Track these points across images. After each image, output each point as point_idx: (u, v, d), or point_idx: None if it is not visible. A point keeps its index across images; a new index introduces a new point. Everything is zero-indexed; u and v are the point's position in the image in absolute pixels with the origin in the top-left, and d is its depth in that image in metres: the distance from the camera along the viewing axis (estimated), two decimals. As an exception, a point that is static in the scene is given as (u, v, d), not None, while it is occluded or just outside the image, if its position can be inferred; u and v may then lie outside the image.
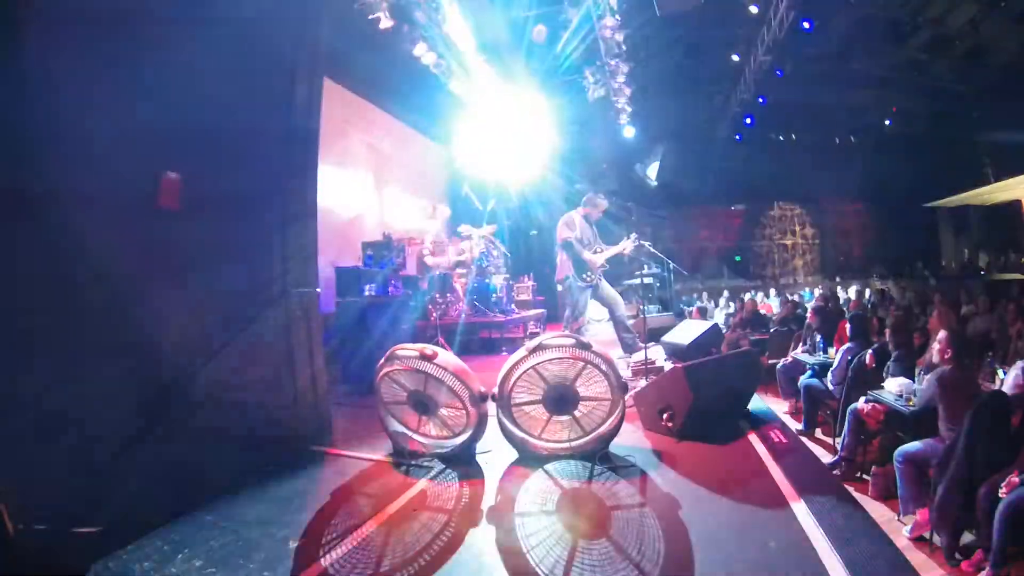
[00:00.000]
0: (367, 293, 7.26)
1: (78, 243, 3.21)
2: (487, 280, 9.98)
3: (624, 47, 10.74)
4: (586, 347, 3.96)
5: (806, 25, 10.44)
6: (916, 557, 3.20)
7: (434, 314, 9.42)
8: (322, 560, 2.95)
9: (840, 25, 12.01)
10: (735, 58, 13.27)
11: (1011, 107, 13.70)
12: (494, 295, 9.99)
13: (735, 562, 2.84)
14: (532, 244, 15.02)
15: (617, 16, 9.75)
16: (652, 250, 8.97)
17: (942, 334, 4.55)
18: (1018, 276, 13.34)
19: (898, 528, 3.70)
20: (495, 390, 4.14)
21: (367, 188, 11.56)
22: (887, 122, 16.01)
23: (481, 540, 3.15)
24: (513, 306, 10.70)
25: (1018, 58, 12.83)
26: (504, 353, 8.85)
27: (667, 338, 8.17)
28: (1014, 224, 16.39)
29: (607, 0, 9.38)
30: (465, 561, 2.94)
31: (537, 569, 2.84)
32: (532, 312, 11.36)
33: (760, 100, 14.08)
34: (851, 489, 4.17)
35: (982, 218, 17.72)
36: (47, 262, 3.08)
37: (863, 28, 12.79)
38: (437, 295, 9.67)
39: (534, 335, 11.00)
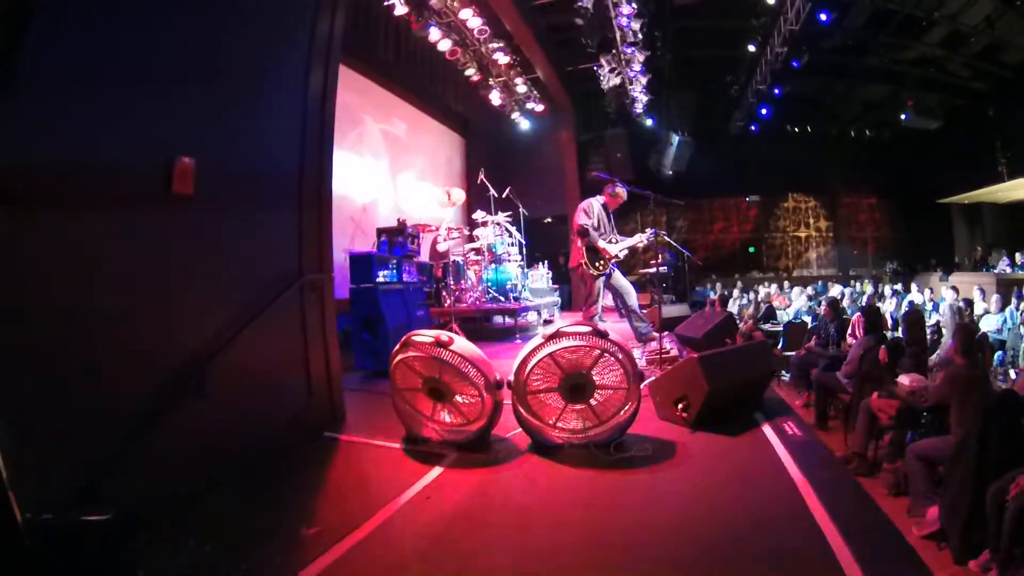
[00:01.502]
0: (381, 279, 7.29)
1: (91, 228, 3.22)
2: (502, 267, 10.00)
3: (640, 36, 10.69)
4: (603, 335, 3.98)
5: (823, 17, 10.32)
6: (925, 555, 3.20)
7: (448, 301, 9.48)
8: (337, 547, 2.96)
9: (856, 18, 11.87)
10: (751, 49, 13.13)
11: None
12: (509, 283, 10.01)
13: (749, 552, 2.86)
14: (546, 232, 15.03)
15: (633, 4, 9.69)
16: (668, 240, 8.97)
17: (957, 332, 4.55)
18: None
19: (908, 525, 3.71)
20: (511, 377, 4.16)
21: (382, 174, 11.61)
22: (903, 116, 15.88)
23: (499, 527, 3.17)
24: (527, 294, 10.72)
25: None
26: (518, 340, 8.90)
27: (681, 328, 8.19)
28: None
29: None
30: (483, 548, 2.96)
31: (558, 554, 2.86)
32: (546, 300, 11.38)
33: (776, 92, 13.95)
34: (862, 485, 4.17)
35: (996, 216, 17.56)
36: (56, 246, 3.06)
37: (879, 22, 12.66)
38: (451, 282, 9.71)
39: (548, 323, 11.07)
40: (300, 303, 4.89)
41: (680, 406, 4.65)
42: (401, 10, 9.06)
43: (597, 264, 7.19)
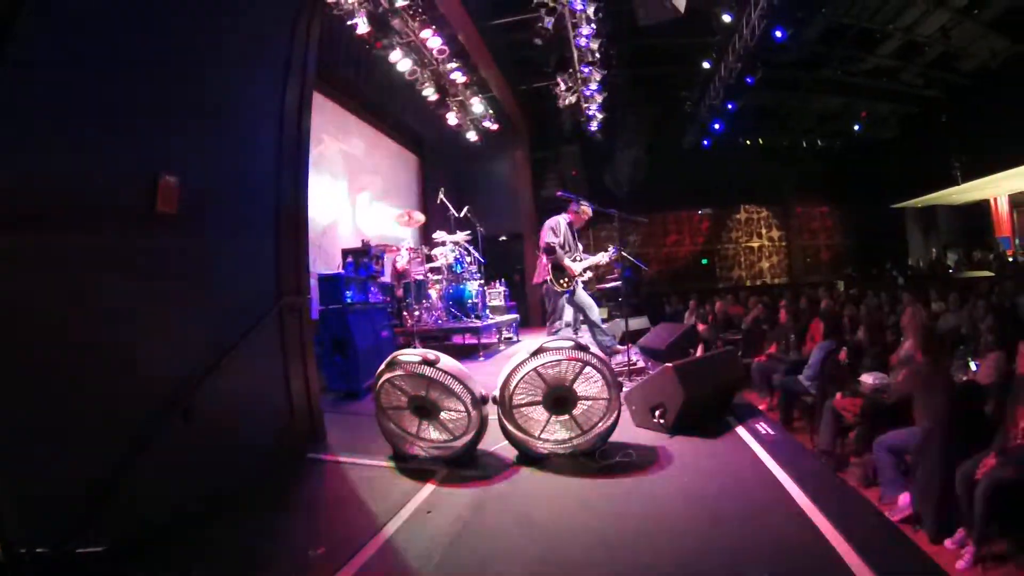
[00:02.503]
0: (349, 300, 7.26)
1: (71, 251, 3.10)
2: (462, 286, 10.06)
3: (598, 55, 10.95)
4: (584, 348, 4.10)
5: (778, 34, 10.70)
6: (901, 539, 3.37)
7: (410, 320, 9.48)
8: (349, 566, 2.93)
9: (811, 33, 12.34)
10: (706, 65, 13.54)
11: (980, 110, 14.27)
12: (469, 301, 10.07)
13: (744, 539, 2.99)
14: (501, 250, 15.15)
15: (593, 25, 9.94)
16: (625, 255, 9.19)
17: (916, 330, 4.82)
18: (986, 274, 13.88)
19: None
20: (495, 392, 4.23)
21: (341, 195, 11.54)
22: (856, 127, 16.50)
23: (504, 536, 3.21)
24: (488, 311, 10.79)
25: (988, 63, 13.40)
26: (481, 359, 8.95)
27: (644, 340, 8.41)
28: (981, 223, 17.10)
29: (584, 8, 9.56)
30: (494, 555, 3.00)
31: (565, 559, 2.92)
32: (506, 317, 11.47)
33: (729, 106, 14.37)
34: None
35: (950, 218, 18.35)
36: (40, 272, 2.94)
37: (834, 36, 13.19)
38: (412, 302, 9.72)
39: (508, 340, 11.16)
40: (280, 325, 4.83)
41: (657, 413, 4.79)
42: (363, 29, 9.09)
43: (562, 281, 7.36)
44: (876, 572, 2.53)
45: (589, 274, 7.59)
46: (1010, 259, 15.23)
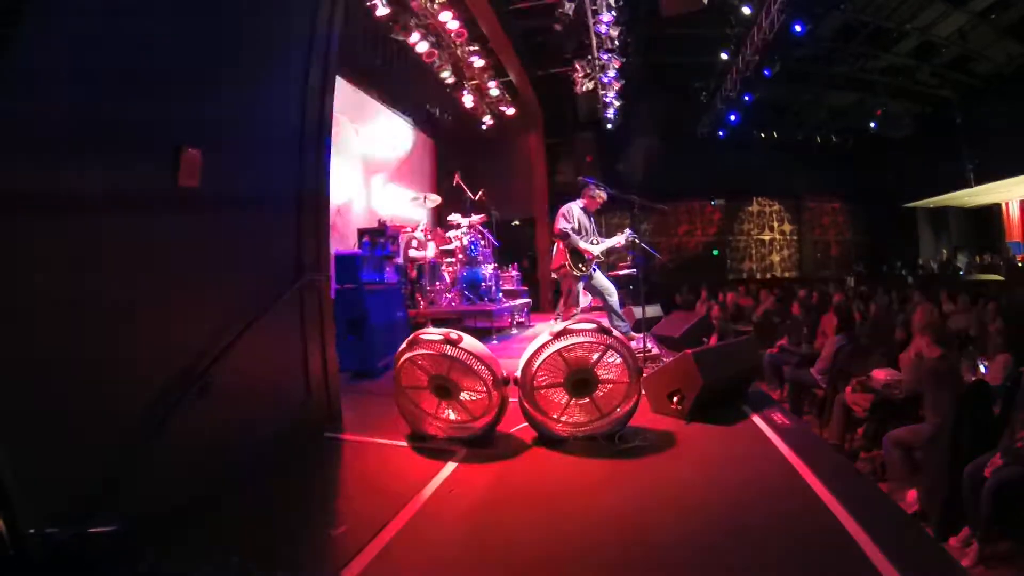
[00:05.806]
0: (365, 280, 7.31)
1: (89, 228, 2.99)
2: (476, 269, 10.12)
3: (617, 42, 10.93)
4: (607, 332, 4.16)
5: (798, 29, 10.69)
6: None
7: (423, 302, 9.56)
8: (374, 543, 2.94)
9: (829, 29, 12.33)
10: (723, 57, 13.50)
11: (995, 114, 14.26)
12: (483, 284, 10.13)
13: (759, 523, 3.06)
14: (514, 234, 15.19)
15: (613, 12, 9.92)
16: (640, 243, 9.24)
17: (929, 328, 4.88)
18: (996, 277, 13.91)
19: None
20: (517, 374, 4.28)
21: (355, 175, 11.58)
22: (872, 124, 16.38)
23: (531, 512, 3.29)
24: (501, 295, 10.86)
25: (1003, 68, 13.36)
26: (495, 341, 9.03)
27: (658, 328, 8.48)
28: (992, 227, 17.09)
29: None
30: (515, 533, 3.06)
31: (585, 539, 2.98)
32: (519, 301, 11.54)
33: (746, 98, 14.34)
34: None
35: (961, 219, 18.36)
36: (52, 250, 2.82)
37: (852, 32, 13.16)
38: (426, 283, 9.78)
39: (520, 324, 11.24)
40: (299, 302, 4.82)
41: (675, 399, 4.86)
42: (383, 11, 9.11)
43: (580, 266, 7.41)
44: (891, 559, 2.60)
45: (602, 258, 7.65)
46: (1019, 264, 15.23)
